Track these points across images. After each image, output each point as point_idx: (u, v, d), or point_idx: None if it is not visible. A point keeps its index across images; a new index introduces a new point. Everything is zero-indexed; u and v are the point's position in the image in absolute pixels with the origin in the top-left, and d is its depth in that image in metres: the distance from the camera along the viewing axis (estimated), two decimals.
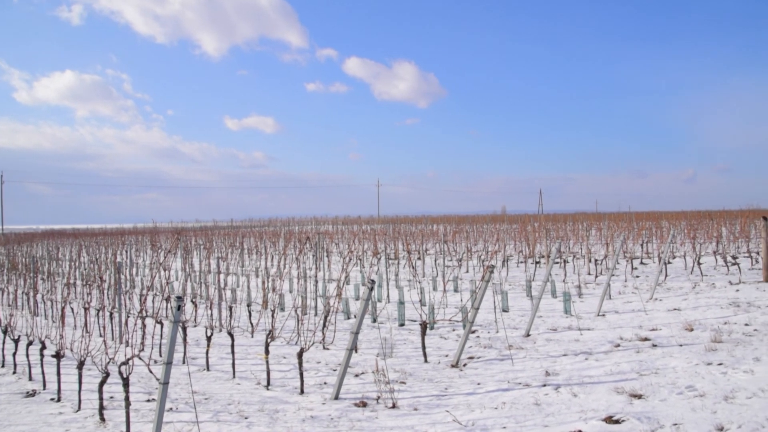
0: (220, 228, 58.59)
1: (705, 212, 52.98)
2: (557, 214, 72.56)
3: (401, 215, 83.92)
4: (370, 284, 6.57)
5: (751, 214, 33.60)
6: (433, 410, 6.01)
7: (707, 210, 56.73)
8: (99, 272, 15.08)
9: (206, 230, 48.37)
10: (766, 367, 6.77)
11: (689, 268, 18.47)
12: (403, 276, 18.66)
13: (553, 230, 29.91)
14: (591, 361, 7.64)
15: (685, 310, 11.02)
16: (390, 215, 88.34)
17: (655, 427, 5.08)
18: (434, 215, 79.63)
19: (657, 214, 56.48)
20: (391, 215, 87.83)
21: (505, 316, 11.21)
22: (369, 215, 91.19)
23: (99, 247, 28.42)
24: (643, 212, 65.27)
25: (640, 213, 61.85)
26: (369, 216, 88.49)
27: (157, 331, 9.25)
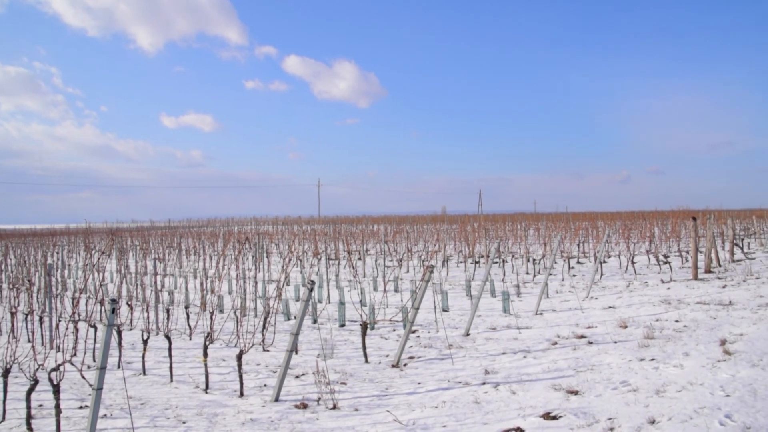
0: (157, 228, 57.27)
1: (638, 213, 54.74)
2: (496, 214, 73.75)
3: (342, 215, 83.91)
4: (310, 285, 6.53)
5: (682, 215, 34.86)
6: (374, 410, 6.02)
7: (641, 210, 58.63)
8: (27, 275, 14.52)
9: (143, 231, 47.15)
10: (695, 361, 7.04)
11: (624, 267, 19.04)
12: (343, 276, 18.63)
13: (492, 230, 30.34)
14: (529, 359, 7.79)
15: (619, 308, 11.35)
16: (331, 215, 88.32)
17: (590, 422, 5.21)
18: (375, 215, 79.83)
19: (593, 214, 58.03)
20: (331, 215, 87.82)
21: (446, 316, 11.32)
22: (309, 215, 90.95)
23: (28, 249, 27.36)
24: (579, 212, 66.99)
25: (577, 213, 63.43)
26: (309, 216, 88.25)
27: (90, 335, 8.97)
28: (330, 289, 15.21)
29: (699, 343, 7.99)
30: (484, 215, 71.73)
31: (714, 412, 5.19)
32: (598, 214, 59.84)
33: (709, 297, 12.03)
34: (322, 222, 63.96)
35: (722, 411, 5.20)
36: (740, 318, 9.66)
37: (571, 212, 67.60)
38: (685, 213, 36.57)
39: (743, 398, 5.54)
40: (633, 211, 59.97)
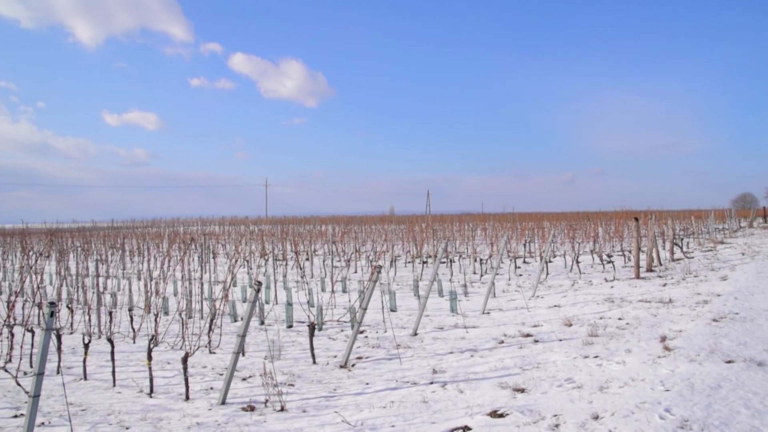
0: (99, 229, 55.66)
1: (583, 213, 55.92)
2: (444, 214, 74.35)
3: (290, 215, 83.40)
4: (257, 286, 6.46)
5: (625, 215, 35.77)
6: (322, 411, 5.99)
7: (585, 211, 59.87)
8: None
9: (84, 231, 45.77)
10: (636, 358, 7.23)
11: (569, 266, 19.44)
12: (291, 277, 18.50)
13: (440, 230, 30.59)
14: (476, 358, 7.87)
15: (564, 307, 11.57)
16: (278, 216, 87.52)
17: (536, 419, 5.29)
18: (323, 216, 79.61)
19: (539, 215, 59.02)
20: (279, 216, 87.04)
21: (393, 316, 11.36)
22: (257, 216, 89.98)
23: None
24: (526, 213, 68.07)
25: (524, 214, 64.43)
26: (257, 216, 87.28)
27: (27, 340, 8.68)
28: (277, 290, 15.08)
29: (641, 340, 8.21)
30: (432, 215, 72.22)
31: (654, 407, 5.34)
32: (544, 214, 60.93)
33: (651, 295, 12.39)
34: (270, 222, 63.38)
35: (662, 405, 5.36)
36: (679, 315, 9.97)
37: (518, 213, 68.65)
38: (628, 213, 37.56)
39: (682, 392, 5.72)
40: (578, 212, 61.25)
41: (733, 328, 8.65)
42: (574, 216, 51.32)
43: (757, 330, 8.49)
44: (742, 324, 8.90)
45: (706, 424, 4.89)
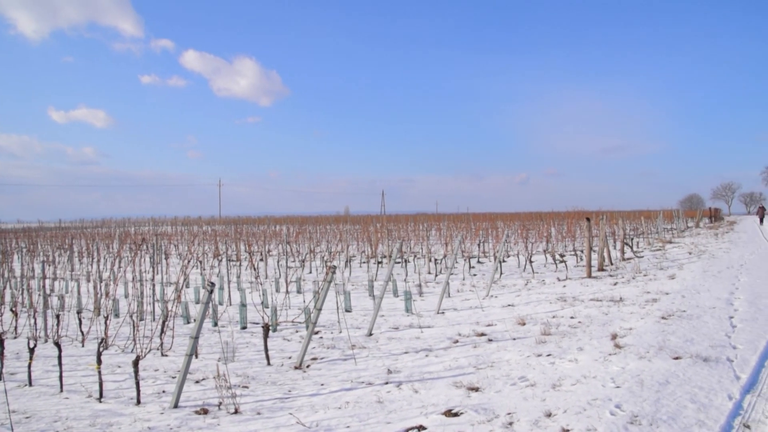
0: (46, 229, 54.14)
1: (536, 213, 56.80)
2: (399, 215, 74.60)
3: (244, 216, 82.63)
4: (210, 287, 6.37)
5: (577, 215, 36.41)
6: (276, 413, 5.94)
7: (538, 211, 60.82)
8: None
9: (30, 232, 44.51)
10: (588, 355, 7.38)
11: (522, 266, 19.71)
12: (245, 278, 18.32)
13: (395, 231, 30.66)
14: (431, 358, 7.91)
15: (518, 306, 11.73)
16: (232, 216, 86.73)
17: (491, 417, 5.35)
18: (277, 216, 79.03)
19: (493, 215, 59.68)
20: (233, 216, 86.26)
21: (348, 316, 11.34)
22: (210, 216, 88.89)
23: None
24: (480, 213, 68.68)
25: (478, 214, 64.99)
26: (210, 216, 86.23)
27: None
28: (231, 290, 14.91)
29: (592, 338, 8.38)
30: (387, 216, 72.42)
31: (606, 403, 5.46)
32: (498, 214, 61.61)
33: (602, 294, 12.65)
34: (223, 222, 62.69)
35: (613, 402, 5.48)
36: (630, 313, 10.21)
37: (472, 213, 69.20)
38: (580, 214, 38.25)
39: (632, 389, 5.86)
40: (531, 212, 62.16)
41: (680, 325, 8.90)
42: (528, 216, 52.06)
43: (703, 327, 8.76)
44: (689, 321, 9.17)
45: (655, 419, 5.02)
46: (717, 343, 7.75)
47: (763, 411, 5.23)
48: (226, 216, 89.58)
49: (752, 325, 8.77)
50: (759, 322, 9.01)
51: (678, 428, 4.82)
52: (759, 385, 5.99)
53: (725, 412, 5.20)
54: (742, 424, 4.96)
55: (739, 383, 6.02)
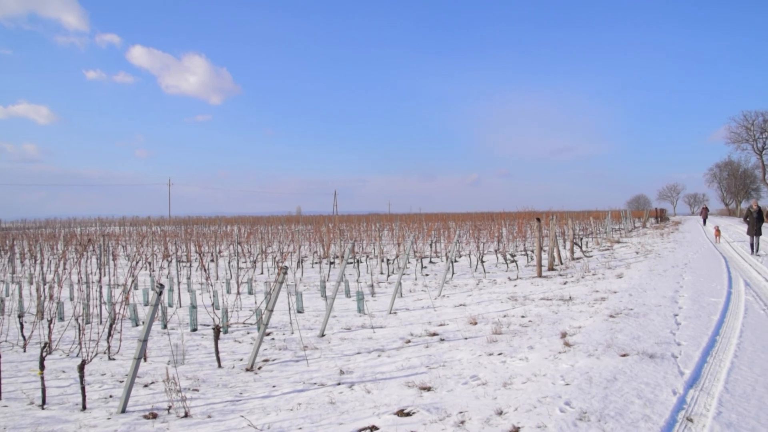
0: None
1: (488, 214, 57.43)
2: (352, 215, 74.60)
3: (194, 216, 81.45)
4: (159, 288, 6.27)
5: (527, 216, 36.93)
6: (227, 416, 5.88)
7: (490, 212, 61.47)
8: None
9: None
10: (538, 354, 7.51)
11: (474, 265, 19.91)
12: (195, 279, 18.05)
13: (347, 231, 30.65)
14: (384, 358, 7.94)
15: (470, 306, 11.85)
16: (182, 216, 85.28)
17: (443, 417, 5.40)
18: (228, 216, 78.27)
19: (445, 215, 60.19)
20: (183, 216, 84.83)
21: (300, 317, 11.29)
22: (159, 216, 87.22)
23: None
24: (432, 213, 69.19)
25: (430, 214, 65.44)
26: (159, 217, 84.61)
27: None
28: (181, 292, 14.69)
29: (542, 337, 8.54)
30: (339, 216, 72.33)
31: (555, 401, 5.57)
32: (449, 215, 62.19)
33: (552, 293, 12.88)
34: (173, 223, 61.66)
35: (563, 399, 5.60)
36: (579, 312, 10.43)
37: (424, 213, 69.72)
38: (531, 214, 38.81)
39: (581, 386, 6.00)
40: (483, 212, 62.85)
41: (627, 323, 9.13)
42: (479, 216, 52.67)
43: (650, 324, 9.00)
44: (636, 319, 9.42)
45: (603, 414, 5.14)
46: (662, 340, 7.99)
47: (705, 405, 5.41)
48: (176, 216, 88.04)
49: (695, 322, 9.06)
50: (702, 319, 9.32)
51: (625, 423, 4.95)
52: (701, 380, 6.20)
53: (670, 406, 5.36)
54: (685, 417, 5.12)
55: (683, 378, 6.22)
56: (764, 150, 74.62)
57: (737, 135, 75.38)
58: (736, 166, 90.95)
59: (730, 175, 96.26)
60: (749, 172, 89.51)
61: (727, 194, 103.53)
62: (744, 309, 10.15)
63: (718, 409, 5.28)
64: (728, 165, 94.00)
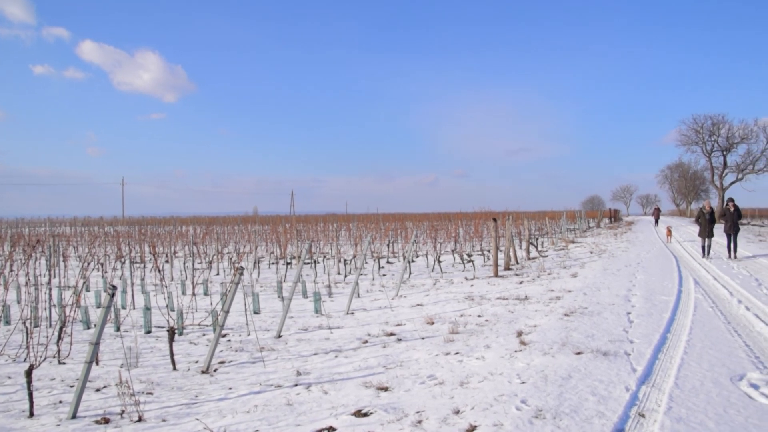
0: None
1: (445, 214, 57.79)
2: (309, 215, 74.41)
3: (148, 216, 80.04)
4: (111, 290, 6.13)
5: (484, 216, 37.22)
6: (182, 419, 5.79)
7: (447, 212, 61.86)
8: None
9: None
10: (495, 353, 7.58)
11: (431, 265, 20.00)
12: (149, 280, 17.73)
13: (304, 231, 30.51)
14: (341, 359, 7.91)
15: (427, 305, 11.90)
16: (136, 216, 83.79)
17: (400, 416, 5.40)
18: (183, 216, 77.17)
19: (402, 215, 60.29)
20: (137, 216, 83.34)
21: (257, 318, 11.18)
22: (113, 216, 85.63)
23: None
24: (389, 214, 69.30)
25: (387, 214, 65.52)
26: (113, 217, 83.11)
27: None
28: (135, 294, 14.41)
29: (499, 336, 8.62)
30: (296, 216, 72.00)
31: (512, 399, 5.63)
32: (407, 215, 62.31)
33: (508, 292, 13.02)
34: (127, 223, 60.50)
35: (519, 397, 5.66)
36: (534, 311, 10.56)
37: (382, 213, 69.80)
38: (487, 214, 39.15)
39: (536, 384, 6.07)
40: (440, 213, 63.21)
41: (582, 321, 9.29)
42: (436, 216, 52.98)
43: (603, 323, 9.17)
44: (590, 318, 9.58)
45: (558, 412, 5.21)
46: (616, 337, 8.15)
47: (656, 401, 5.54)
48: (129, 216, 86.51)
49: (648, 320, 9.26)
50: (654, 317, 9.53)
51: (579, 420, 5.03)
52: (653, 377, 6.34)
53: (623, 403, 5.47)
54: (637, 413, 5.23)
55: (636, 375, 6.35)
56: (713, 152, 76.70)
57: (687, 138, 77.29)
58: (686, 167, 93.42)
59: (680, 176, 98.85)
60: (699, 174, 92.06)
61: (677, 195, 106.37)
62: (693, 307, 10.42)
63: (669, 404, 5.41)
64: (679, 167, 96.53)
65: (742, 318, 9.48)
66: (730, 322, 9.11)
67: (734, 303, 10.74)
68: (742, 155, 74.42)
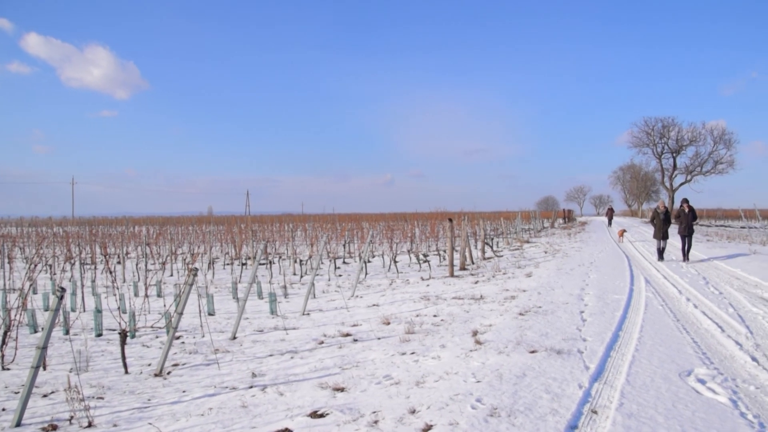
0: None
1: (401, 214, 58.02)
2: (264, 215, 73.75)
3: (100, 216, 78.32)
4: (60, 292, 5.97)
5: (440, 216, 37.46)
6: (134, 424, 5.66)
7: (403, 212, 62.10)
8: None
9: None
10: (450, 352, 7.61)
11: (387, 266, 20.02)
12: (101, 282, 17.35)
13: (259, 231, 30.25)
14: (297, 360, 7.86)
15: (383, 306, 11.90)
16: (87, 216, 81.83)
17: (356, 417, 5.38)
18: (136, 216, 75.84)
19: (358, 215, 60.37)
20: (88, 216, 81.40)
21: (212, 320, 11.03)
22: (62, 216, 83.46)
23: None
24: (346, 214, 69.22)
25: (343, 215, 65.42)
26: (62, 217, 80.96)
27: None
28: (85, 296, 14.07)
29: (454, 335, 8.67)
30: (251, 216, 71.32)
31: (467, 398, 5.66)
32: (363, 215, 62.43)
33: (464, 292, 13.11)
34: (77, 223, 59.04)
35: (474, 396, 5.70)
36: (490, 310, 10.66)
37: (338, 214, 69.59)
38: (443, 214, 39.41)
39: (491, 383, 6.12)
40: (396, 213, 63.46)
41: (536, 320, 9.41)
42: (393, 217, 53.18)
43: (557, 321, 9.30)
44: (544, 317, 9.71)
45: (513, 410, 5.26)
46: (569, 336, 8.27)
47: (609, 397, 5.63)
48: (80, 216, 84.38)
49: (600, 319, 9.43)
50: (606, 315, 9.71)
51: (534, 418, 5.09)
52: (605, 374, 6.45)
53: (576, 400, 5.55)
54: (590, 410, 5.32)
55: (588, 373, 6.45)
56: (663, 154, 78.62)
57: (639, 139, 79.06)
58: (637, 169, 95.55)
59: (632, 177, 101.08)
60: (650, 175, 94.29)
61: (629, 196, 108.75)
62: (644, 305, 10.65)
63: (621, 400, 5.51)
64: (631, 168, 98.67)
65: (690, 315, 9.73)
66: (679, 320, 9.34)
67: (683, 301, 11.02)
68: (690, 157, 76.52)
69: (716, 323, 9.01)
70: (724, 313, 9.74)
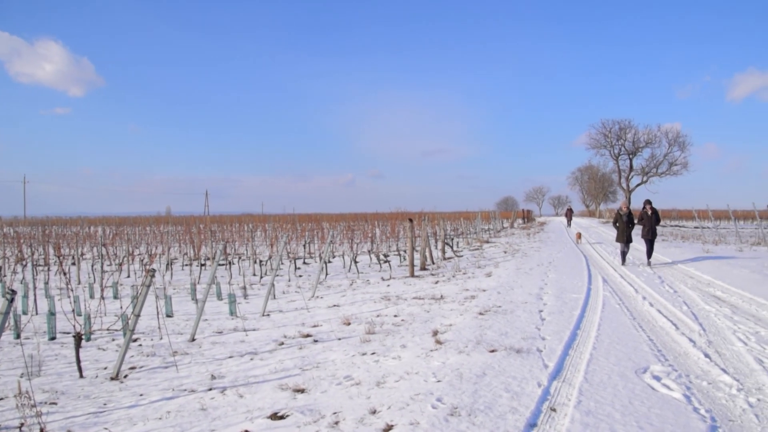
0: None
1: (361, 214, 57.93)
2: (224, 215, 72.88)
3: (53, 216, 76.41)
4: (10, 295, 5.79)
5: (400, 216, 37.49)
6: (89, 430, 5.53)
7: (363, 212, 61.99)
8: None
9: None
10: (411, 352, 7.62)
11: (347, 266, 19.98)
12: (54, 284, 16.93)
13: (219, 232, 29.91)
14: (256, 361, 7.78)
15: (343, 306, 11.87)
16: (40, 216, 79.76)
17: (317, 418, 5.35)
18: (92, 216, 74.14)
19: (319, 215, 60.08)
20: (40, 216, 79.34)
21: (170, 322, 10.86)
22: (13, 216, 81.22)
23: None
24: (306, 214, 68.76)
25: (304, 215, 64.99)
26: (13, 217, 78.75)
27: None
28: (38, 298, 13.71)
29: (415, 335, 8.68)
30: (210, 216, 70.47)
31: (428, 397, 5.67)
32: (323, 215, 62.17)
33: (424, 292, 13.16)
34: (29, 224, 57.49)
35: (434, 395, 5.71)
36: (450, 310, 10.71)
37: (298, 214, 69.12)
38: (403, 215, 39.46)
39: (452, 382, 6.14)
40: (357, 213, 63.32)
41: (496, 320, 9.48)
42: (353, 217, 53.06)
43: (516, 321, 9.39)
44: (504, 316, 9.80)
45: (473, 409, 5.29)
46: (528, 335, 8.36)
47: (567, 395, 5.71)
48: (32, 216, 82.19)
49: (558, 318, 9.55)
50: (564, 314, 9.84)
51: (494, 416, 5.12)
52: (564, 372, 6.54)
53: (535, 398, 5.61)
54: (549, 408, 5.38)
55: (547, 371, 6.53)
56: (620, 155, 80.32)
57: (596, 141, 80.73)
58: (595, 170, 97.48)
59: (590, 178, 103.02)
60: (607, 176, 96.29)
61: (587, 196, 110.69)
62: (602, 304, 10.83)
63: (579, 398, 5.59)
64: (588, 169, 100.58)
65: (646, 314, 9.92)
66: (636, 318, 9.52)
67: (639, 299, 11.24)
68: (646, 159, 78.38)
69: (671, 321, 9.22)
70: (678, 311, 9.96)
